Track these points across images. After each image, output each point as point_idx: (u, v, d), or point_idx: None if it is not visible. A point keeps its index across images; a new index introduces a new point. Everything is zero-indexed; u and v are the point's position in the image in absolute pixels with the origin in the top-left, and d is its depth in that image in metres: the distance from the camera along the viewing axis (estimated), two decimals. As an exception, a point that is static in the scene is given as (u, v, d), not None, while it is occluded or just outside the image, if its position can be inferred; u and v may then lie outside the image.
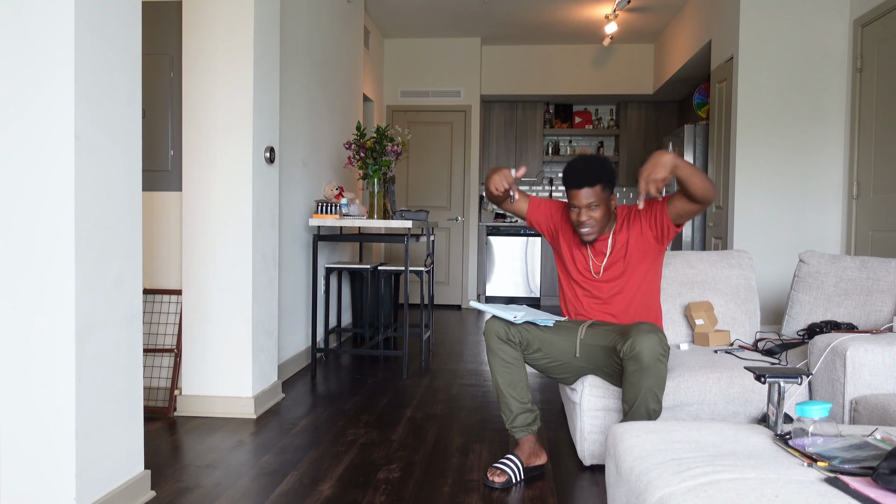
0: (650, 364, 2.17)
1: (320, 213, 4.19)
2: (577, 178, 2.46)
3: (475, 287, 7.57)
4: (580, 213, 2.50)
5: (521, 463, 2.47)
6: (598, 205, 2.47)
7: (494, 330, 2.45)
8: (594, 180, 2.45)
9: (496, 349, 2.45)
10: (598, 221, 2.50)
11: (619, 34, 6.84)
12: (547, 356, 2.51)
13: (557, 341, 2.49)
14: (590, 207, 2.48)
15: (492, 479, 2.42)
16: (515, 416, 2.48)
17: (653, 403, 2.23)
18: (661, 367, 2.20)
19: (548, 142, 8.41)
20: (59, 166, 1.92)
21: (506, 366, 2.45)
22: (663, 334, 2.24)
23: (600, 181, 2.45)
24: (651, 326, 2.24)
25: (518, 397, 2.47)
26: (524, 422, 2.49)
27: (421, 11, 6.49)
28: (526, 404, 2.49)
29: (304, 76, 4.38)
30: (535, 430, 2.52)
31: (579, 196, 2.47)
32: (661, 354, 2.19)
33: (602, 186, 2.46)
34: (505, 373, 2.45)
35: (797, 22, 4.47)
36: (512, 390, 2.46)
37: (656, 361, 2.17)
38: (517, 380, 2.47)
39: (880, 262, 2.89)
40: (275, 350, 3.55)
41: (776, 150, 4.53)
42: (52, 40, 1.90)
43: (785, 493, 1.25)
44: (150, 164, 3.32)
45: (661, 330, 2.26)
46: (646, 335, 2.18)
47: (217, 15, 3.18)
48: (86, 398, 1.98)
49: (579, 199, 2.48)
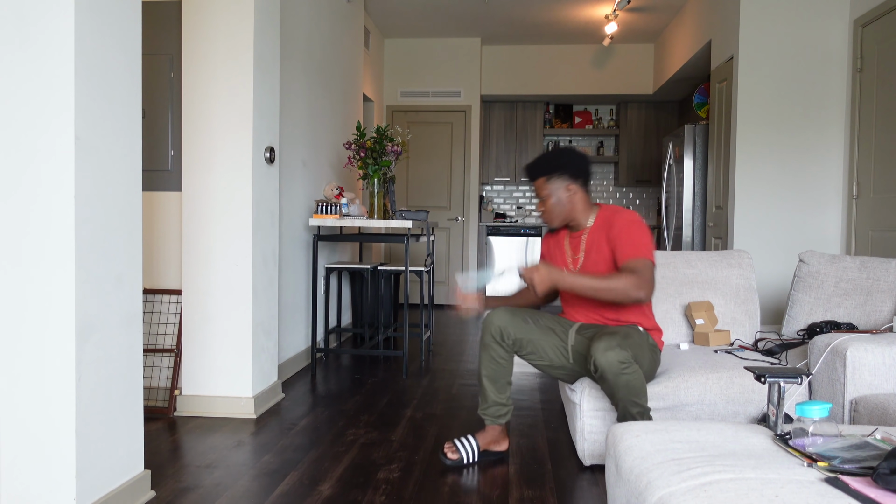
0: (613, 379, 2.25)
1: (320, 213, 4.19)
2: (527, 171, 2.68)
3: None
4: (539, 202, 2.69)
5: (478, 446, 2.65)
6: (547, 195, 2.60)
7: (491, 328, 2.56)
8: (535, 174, 2.62)
9: (488, 345, 2.59)
10: (549, 210, 2.61)
11: (619, 34, 6.83)
12: (542, 359, 2.59)
13: (549, 346, 2.57)
14: (540, 197, 2.64)
15: (446, 454, 2.62)
16: (489, 406, 2.65)
17: (634, 408, 2.30)
18: (625, 377, 2.24)
19: (548, 142, 8.41)
20: (58, 166, 1.92)
21: (493, 363, 2.59)
22: (623, 342, 2.26)
23: (542, 174, 2.60)
24: (608, 341, 2.25)
25: (495, 391, 2.63)
26: (495, 413, 2.65)
27: (421, 11, 6.49)
28: (501, 399, 2.64)
29: (304, 76, 4.38)
30: (503, 422, 2.67)
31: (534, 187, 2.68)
32: (622, 366, 2.23)
33: (546, 178, 2.59)
34: (490, 368, 2.60)
35: (797, 22, 4.47)
36: (492, 384, 2.62)
37: (619, 375, 2.24)
38: (500, 377, 2.61)
39: (880, 262, 2.89)
40: (275, 350, 3.55)
41: (776, 150, 4.53)
42: (52, 40, 1.90)
43: (785, 493, 1.25)
44: (150, 164, 3.32)
45: (622, 338, 2.27)
46: (602, 353, 2.23)
47: (217, 15, 3.18)
48: (86, 398, 1.98)
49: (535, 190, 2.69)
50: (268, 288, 3.43)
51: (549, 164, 2.58)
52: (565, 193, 2.58)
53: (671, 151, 5.81)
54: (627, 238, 2.45)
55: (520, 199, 8.45)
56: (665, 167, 5.98)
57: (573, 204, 2.59)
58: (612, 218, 2.55)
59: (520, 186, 8.39)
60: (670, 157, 5.83)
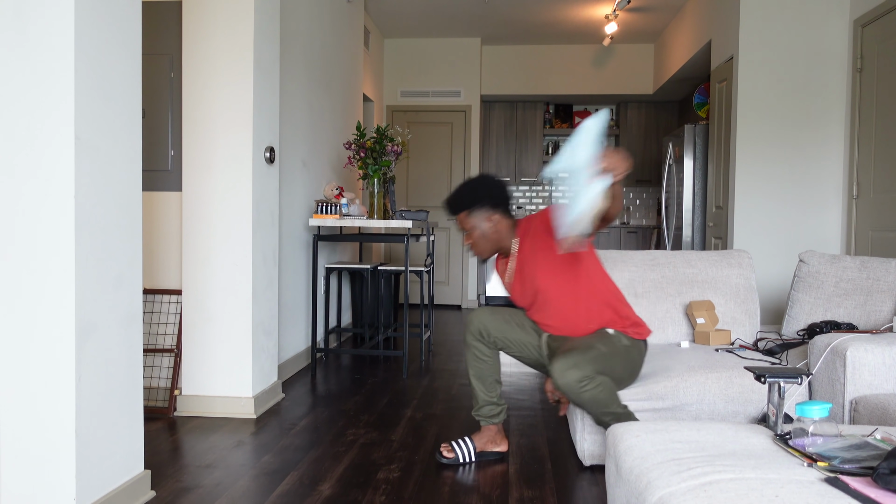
0: (576, 398, 2.27)
1: (320, 213, 4.19)
2: (447, 207, 2.63)
3: (475, 287, 7.57)
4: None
5: (475, 447, 2.67)
6: (471, 228, 2.58)
7: (471, 328, 2.63)
8: (456, 209, 2.59)
9: (470, 344, 2.64)
10: (475, 243, 2.59)
11: (619, 34, 6.84)
12: (523, 355, 2.65)
13: (529, 344, 2.62)
14: (464, 230, 2.62)
15: (442, 454, 2.65)
16: (481, 406, 2.69)
17: (606, 417, 2.32)
18: (588, 394, 2.25)
19: (548, 142, 8.41)
20: (59, 166, 1.92)
21: (477, 361, 2.64)
22: (581, 358, 2.25)
23: (463, 208, 2.56)
24: (565, 361, 2.25)
25: (485, 390, 2.66)
26: (488, 413, 2.69)
27: (421, 11, 6.49)
28: (492, 398, 2.68)
29: (304, 76, 4.38)
30: (496, 421, 2.70)
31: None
32: (580, 384, 2.23)
33: (468, 212, 2.56)
34: (476, 367, 2.65)
35: (797, 22, 4.48)
36: (480, 383, 2.66)
37: (579, 393, 2.25)
38: (486, 375, 2.65)
39: (880, 262, 2.89)
40: (275, 350, 3.55)
41: (776, 150, 4.53)
42: (51, 40, 1.90)
43: (785, 493, 1.25)
44: (150, 164, 3.32)
45: (580, 354, 2.26)
46: (560, 375, 2.24)
47: (217, 15, 3.18)
48: (86, 398, 1.98)
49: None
50: (268, 288, 3.43)
51: (468, 198, 2.55)
52: (488, 224, 2.55)
53: (671, 151, 5.81)
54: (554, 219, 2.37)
55: (520, 200, 8.45)
56: (665, 167, 5.98)
57: (498, 233, 2.57)
58: (530, 227, 2.56)
59: (520, 187, 8.40)
60: (670, 157, 5.83)
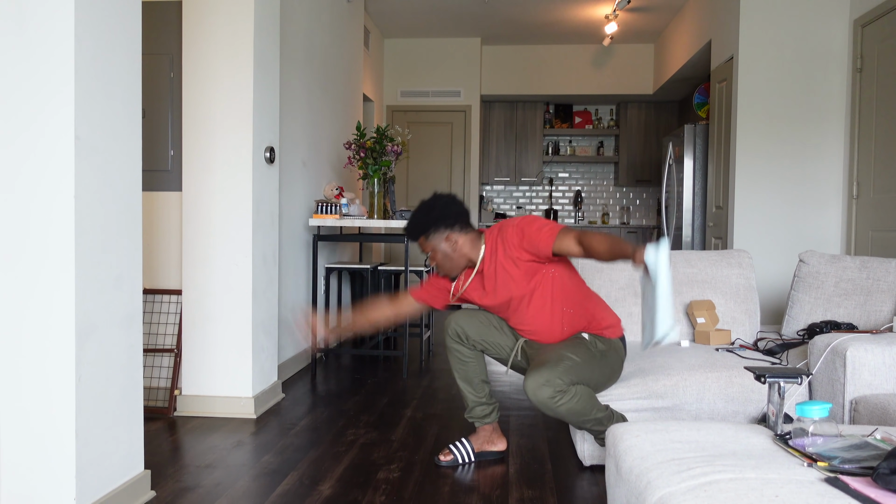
0: (552, 413, 2.28)
1: (320, 213, 4.19)
2: (406, 234, 2.58)
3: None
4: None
5: (472, 448, 2.67)
6: (432, 250, 2.53)
7: (449, 331, 2.64)
8: (414, 235, 2.54)
9: (451, 348, 2.65)
10: (440, 265, 2.54)
11: (619, 34, 6.83)
12: (500, 355, 2.64)
13: (505, 345, 2.61)
14: (426, 254, 2.57)
15: (440, 458, 2.65)
16: (472, 408, 2.70)
17: (587, 425, 2.35)
18: (563, 407, 2.26)
19: (548, 142, 8.41)
20: (59, 166, 1.92)
21: (461, 363, 2.65)
22: (552, 373, 2.23)
23: (420, 233, 2.52)
24: (536, 377, 2.23)
25: (473, 392, 2.67)
26: (480, 413, 2.69)
27: (421, 11, 6.49)
28: (482, 398, 2.68)
29: (304, 76, 4.38)
30: (490, 421, 2.71)
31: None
32: (554, 400, 2.23)
33: (425, 237, 2.51)
34: (460, 369, 2.66)
35: (797, 22, 4.47)
36: (468, 385, 2.66)
37: (555, 409, 2.26)
38: (472, 376, 2.65)
39: (880, 262, 2.89)
40: (275, 350, 3.55)
41: (776, 150, 4.53)
42: (51, 40, 1.90)
43: (785, 493, 1.25)
44: (150, 164, 3.32)
45: (551, 367, 2.24)
46: (533, 393, 2.24)
47: (217, 15, 3.18)
48: (86, 398, 1.98)
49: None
50: (268, 288, 3.43)
51: (422, 222, 2.51)
52: (446, 244, 2.50)
53: (671, 151, 5.81)
54: (533, 233, 2.35)
55: (520, 200, 8.45)
56: (665, 167, 5.98)
57: (460, 250, 2.50)
58: (501, 235, 2.47)
59: (520, 187, 8.40)
60: (670, 157, 5.83)
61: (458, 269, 2.56)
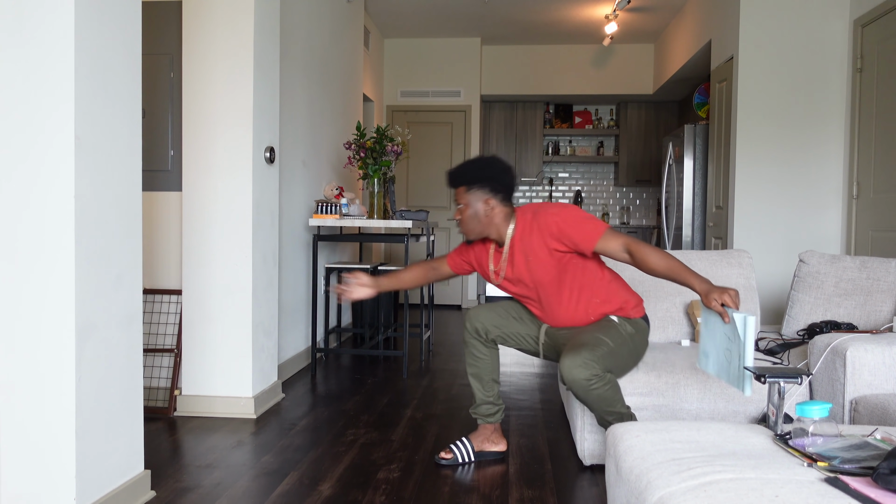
0: (584, 395, 2.27)
1: (320, 213, 4.19)
2: (448, 177, 2.54)
3: (475, 287, 7.57)
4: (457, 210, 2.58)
5: (472, 447, 2.68)
6: (465, 204, 2.49)
7: (468, 326, 2.65)
8: (456, 182, 2.50)
9: (468, 342, 2.67)
10: (465, 221, 2.50)
11: (619, 34, 6.83)
12: (520, 346, 2.67)
13: (526, 335, 2.64)
14: (459, 205, 2.53)
15: (440, 457, 2.66)
16: (478, 405, 2.72)
17: (609, 416, 2.31)
18: (595, 392, 2.24)
19: (548, 142, 8.41)
20: (59, 166, 1.91)
21: (474, 359, 2.67)
22: (591, 355, 2.22)
23: (463, 183, 2.48)
24: (574, 357, 2.21)
25: (482, 389, 2.68)
26: (485, 412, 2.71)
27: (421, 11, 6.49)
28: (489, 397, 2.69)
29: (304, 76, 4.38)
30: (493, 421, 2.72)
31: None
32: (590, 382, 2.22)
33: (467, 188, 2.47)
34: (473, 364, 2.68)
35: (797, 22, 4.47)
36: (478, 382, 2.68)
37: (588, 391, 2.24)
38: (484, 373, 2.67)
39: (880, 262, 2.89)
40: (275, 350, 3.55)
41: (776, 150, 4.52)
42: (51, 40, 1.90)
43: (785, 493, 1.25)
44: (150, 164, 3.32)
45: (590, 350, 2.23)
46: (569, 371, 2.22)
47: (217, 15, 3.18)
48: (86, 398, 1.98)
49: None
50: (268, 288, 3.43)
51: (471, 174, 2.47)
52: (483, 207, 2.46)
53: (671, 151, 5.81)
54: (574, 228, 2.34)
55: (520, 200, 8.45)
56: (665, 167, 5.98)
57: (490, 218, 2.46)
58: (536, 221, 2.42)
59: (520, 187, 8.39)
60: (670, 157, 5.83)
61: (477, 235, 2.52)
